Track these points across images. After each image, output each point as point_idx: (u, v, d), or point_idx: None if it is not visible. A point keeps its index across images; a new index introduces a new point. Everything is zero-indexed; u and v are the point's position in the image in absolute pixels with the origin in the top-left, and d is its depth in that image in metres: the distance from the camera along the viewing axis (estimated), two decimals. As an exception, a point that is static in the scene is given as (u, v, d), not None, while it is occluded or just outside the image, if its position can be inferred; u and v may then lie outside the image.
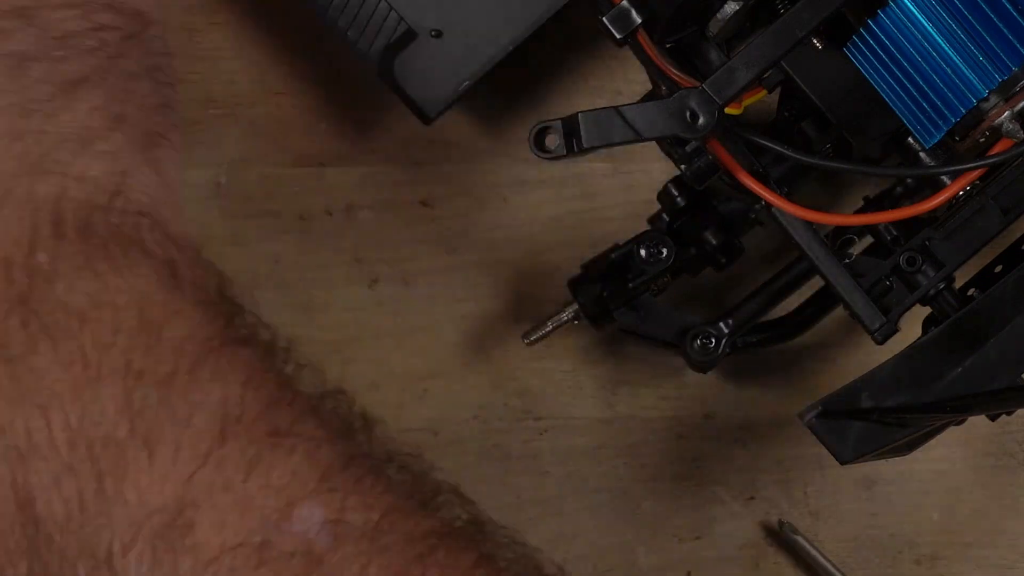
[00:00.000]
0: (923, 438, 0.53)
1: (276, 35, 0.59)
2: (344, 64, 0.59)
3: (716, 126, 0.45)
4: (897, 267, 0.53)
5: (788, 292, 0.56)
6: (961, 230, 0.53)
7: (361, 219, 0.59)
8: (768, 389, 0.60)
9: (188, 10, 0.59)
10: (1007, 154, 0.47)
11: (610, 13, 0.46)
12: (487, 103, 0.60)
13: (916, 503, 0.60)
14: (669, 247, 0.54)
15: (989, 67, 0.46)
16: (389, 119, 0.59)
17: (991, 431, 0.60)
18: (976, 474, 0.60)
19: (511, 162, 0.60)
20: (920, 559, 0.60)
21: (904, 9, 0.47)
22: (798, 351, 0.60)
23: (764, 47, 0.46)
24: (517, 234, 0.60)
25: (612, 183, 0.60)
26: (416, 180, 0.60)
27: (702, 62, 0.51)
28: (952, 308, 0.53)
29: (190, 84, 0.59)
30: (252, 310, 0.44)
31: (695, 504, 0.59)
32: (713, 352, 0.55)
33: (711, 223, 0.55)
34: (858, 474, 0.59)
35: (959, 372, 0.50)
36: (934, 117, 0.47)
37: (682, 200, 0.55)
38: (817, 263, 0.52)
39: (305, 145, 0.59)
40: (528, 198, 0.60)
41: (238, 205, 0.59)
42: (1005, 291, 0.51)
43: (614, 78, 0.60)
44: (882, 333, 0.51)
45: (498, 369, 0.60)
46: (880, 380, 0.51)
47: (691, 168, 0.51)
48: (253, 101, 0.59)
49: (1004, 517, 0.60)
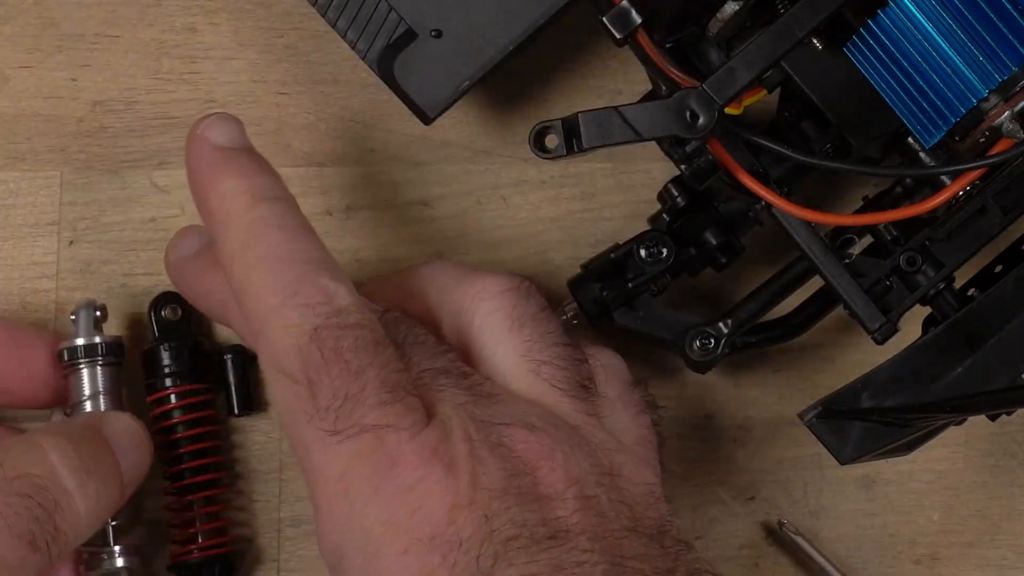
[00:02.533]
0: (923, 438, 0.53)
1: (276, 35, 0.59)
2: (344, 64, 0.59)
3: (716, 126, 0.45)
4: (897, 267, 0.53)
5: (788, 292, 0.56)
6: (961, 230, 0.53)
7: (361, 219, 0.59)
8: (768, 389, 0.60)
9: (188, 10, 0.59)
10: (1007, 154, 0.47)
11: (610, 13, 0.46)
12: (487, 103, 0.60)
13: (916, 503, 0.60)
14: (669, 247, 0.54)
15: (989, 67, 0.46)
16: (389, 119, 0.59)
17: (991, 431, 0.60)
18: (976, 474, 0.60)
19: (511, 162, 0.60)
20: (920, 559, 0.60)
21: (904, 9, 0.47)
22: (798, 351, 0.60)
23: (764, 47, 0.46)
24: (517, 234, 0.60)
25: (612, 183, 0.60)
26: (416, 180, 0.60)
27: (702, 62, 0.51)
28: (952, 308, 0.53)
29: (190, 84, 0.59)
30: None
31: (695, 504, 0.59)
32: (713, 352, 0.55)
33: (711, 223, 0.55)
34: (858, 474, 0.59)
35: (959, 372, 0.51)
36: (934, 117, 0.47)
37: (682, 200, 0.55)
38: (817, 263, 0.52)
39: (305, 145, 0.59)
40: (528, 198, 0.60)
41: (238, 205, 0.59)
42: (1005, 291, 0.51)
43: (614, 78, 0.60)
44: (882, 333, 0.51)
45: (498, 369, 0.60)
46: (880, 380, 0.51)
47: (691, 168, 0.51)
48: (253, 101, 0.59)
49: (1004, 517, 0.60)
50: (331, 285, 0.47)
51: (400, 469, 0.45)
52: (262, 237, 0.48)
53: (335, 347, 0.45)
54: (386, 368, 0.46)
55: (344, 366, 0.45)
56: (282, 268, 0.47)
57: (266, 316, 0.46)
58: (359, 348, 0.46)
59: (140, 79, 0.59)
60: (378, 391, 0.45)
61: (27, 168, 0.59)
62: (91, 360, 0.54)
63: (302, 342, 0.46)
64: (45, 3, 0.59)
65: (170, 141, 0.59)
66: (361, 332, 0.46)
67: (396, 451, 0.45)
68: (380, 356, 0.46)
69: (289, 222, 0.48)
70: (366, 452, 0.45)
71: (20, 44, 0.59)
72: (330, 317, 0.46)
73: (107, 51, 0.59)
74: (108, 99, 0.59)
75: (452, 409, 0.46)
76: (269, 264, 0.47)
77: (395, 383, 0.46)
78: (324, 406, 0.45)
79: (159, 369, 0.56)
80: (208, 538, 0.56)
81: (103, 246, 0.59)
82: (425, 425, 0.46)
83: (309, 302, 0.46)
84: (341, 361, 0.45)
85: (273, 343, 0.46)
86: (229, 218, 0.48)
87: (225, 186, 0.49)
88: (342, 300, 0.47)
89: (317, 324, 0.46)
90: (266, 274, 0.47)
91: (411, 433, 0.45)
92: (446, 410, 0.46)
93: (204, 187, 0.50)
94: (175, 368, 0.56)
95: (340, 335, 0.46)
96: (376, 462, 0.45)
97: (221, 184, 0.49)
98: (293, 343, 0.46)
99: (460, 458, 0.45)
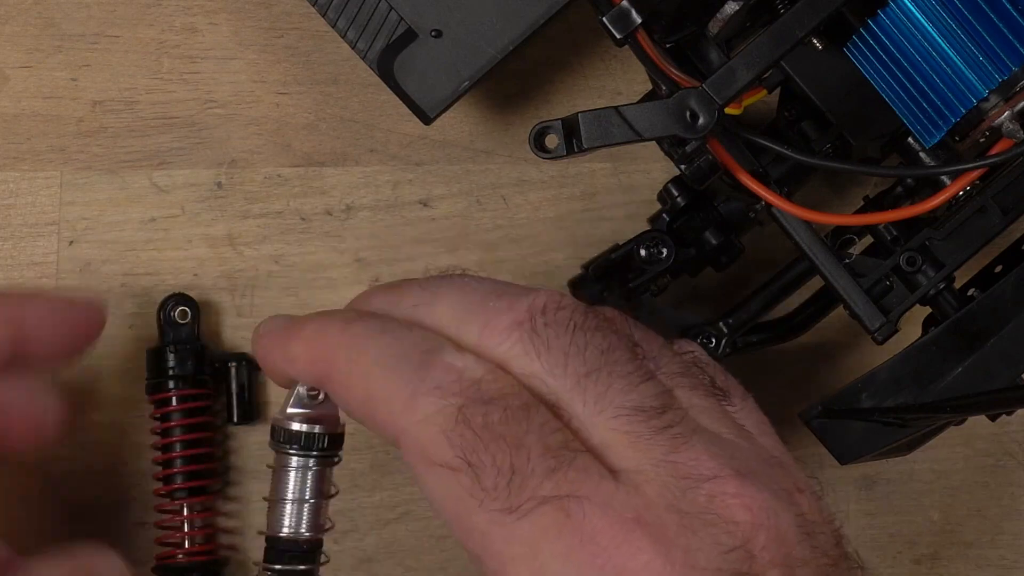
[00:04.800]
0: (923, 438, 0.53)
1: (276, 35, 0.59)
2: (344, 64, 0.59)
3: (716, 126, 0.45)
4: (897, 267, 0.53)
5: (788, 292, 0.56)
6: (961, 230, 0.53)
7: (361, 219, 0.59)
8: (768, 389, 0.60)
9: (188, 10, 0.59)
10: (1007, 154, 0.47)
11: (610, 13, 0.46)
12: (487, 103, 0.60)
13: (916, 503, 0.60)
14: (669, 247, 0.54)
15: (989, 67, 0.46)
16: (389, 119, 0.59)
17: (991, 431, 0.60)
18: (976, 474, 0.60)
19: (511, 162, 0.60)
20: (920, 559, 0.60)
21: (904, 9, 0.47)
22: (798, 351, 0.60)
23: (764, 47, 0.46)
24: (517, 234, 0.60)
25: (612, 183, 0.60)
26: (416, 180, 0.60)
27: (702, 62, 0.51)
28: (952, 308, 0.53)
29: (190, 84, 0.59)
30: None
31: (695, 504, 0.59)
32: (713, 352, 0.55)
33: (711, 223, 0.55)
34: (858, 474, 0.59)
35: (959, 372, 0.51)
36: (934, 117, 0.47)
37: (682, 200, 0.55)
38: (817, 263, 0.52)
39: (305, 145, 0.59)
40: (528, 198, 0.60)
41: (238, 205, 0.59)
42: (1005, 291, 0.52)
43: (614, 78, 0.60)
44: (882, 333, 0.51)
45: (498, 369, 0.60)
46: (880, 380, 0.51)
47: (691, 168, 0.51)
48: (253, 101, 0.59)
49: (1004, 517, 0.60)
50: (457, 360, 0.43)
51: (601, 546, 0.40)
52: (367, 346, 0.44)
53: (485, 423, 0.41)
54: (544, 431, 0.41)
55: (500, 441, 0.41)
56: (400, 364, 0.43)
57: (401, 415, 0.42)
58: (510, 418, 0.41)
59: (140, 79, 0.59)
60: (543, 458, 0.41)
61: (27, 168, 0.59)
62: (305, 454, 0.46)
63: (448, 427, 0.41)
64: (45, 3, 0.59)
65: (170, 141, 0.59)
66: (506, 400, 0.42)
67: (588, 525, 0.40)
68: (534, 421, 0.42)
69: (389, 325, 0.44)
70: (553, 527, 0.40)
71: (20, 44, 0.59)
72: (469, 393, 0.42)
73: (107, 51, 0.59)
74: (108, 99, 0.59)
75: (651, 465, 0.41)
76: (385, 365, 0.43)
77: (559, 445, 0.41)
78: (492, 485, 0.41)
79: (163, 370, 0.56)
80: (195, 543, 0.56)
81: (103, 246, 0.59)
82: (613, 485, 0.41)
83: (441, 384, 0.42)
84: (496, 436, 0.41)
85: (417, 438, 0.42)
86: (326, 349, 0.44)
87: (307, 330, 0.45)
88: (474, 372, 0.42)
89: (459, 404, 0.42)
90: (386, 376, 0.43)
91: (599, 501, 0.40)
92: (642, 464, 0.41)
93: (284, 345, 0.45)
94: (179, 371, 0.56)
95: (486, 409, 0.42)
96: (569, 538, 0.40)
97: (303, 331, 0.45)
98: (439, 431, 0.42)
99: (670, 531, 0.40)
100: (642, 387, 0.42)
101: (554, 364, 0.42)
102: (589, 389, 0.42)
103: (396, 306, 0.45)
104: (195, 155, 0.59)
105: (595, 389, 0.42)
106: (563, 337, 0.43)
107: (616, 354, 0.43)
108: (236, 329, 0.59)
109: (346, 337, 0.44)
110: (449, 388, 0.42)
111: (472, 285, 0.45)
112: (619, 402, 0.42)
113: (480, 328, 0.43)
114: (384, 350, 0.43)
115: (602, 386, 0.42)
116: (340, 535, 0.58)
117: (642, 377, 0.43)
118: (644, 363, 0.43)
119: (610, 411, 0.42)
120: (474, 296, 0.44)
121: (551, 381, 0.42)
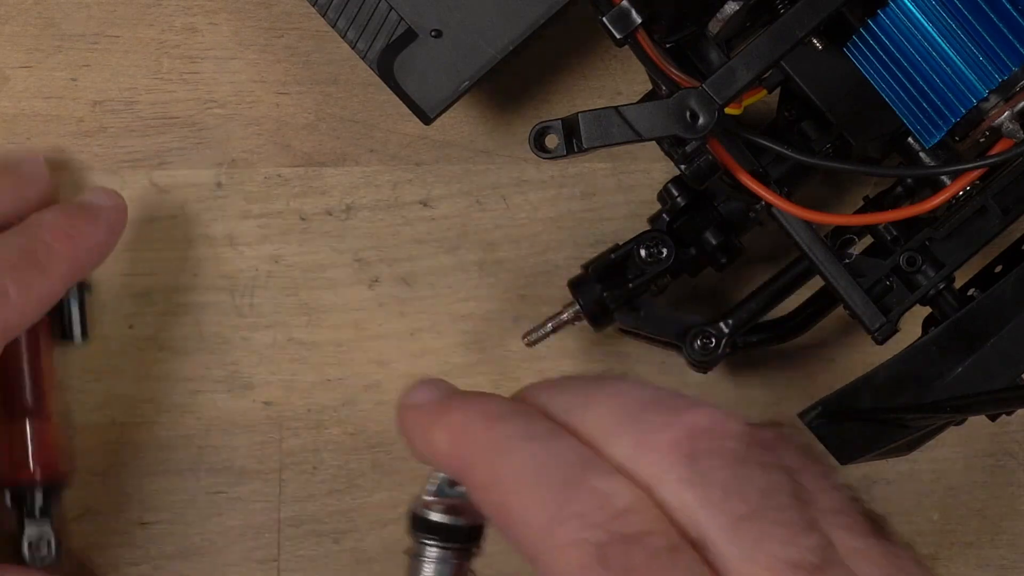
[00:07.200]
0: (923, 438, 0.53)
1: (276, 35, 0.59)
2: (344, 64, 0.59)
3: (716, 126, 0.45)
4: (897, 267, 0.53)
5: (788, 292, 0.56)
6: (961, 230, 0.53)
7: (361, 219, 0.59)
8: (768, 389, 0.60)
9: (188, 10, 0.59)
10: (1007, 154, 0.47)
11: (610, 13, 0.46)
12: (487, 103, 0.60)
13: (916, 503, 0.60)
14: (669, 247, 0.54)
15: (989, 67, 0.46)
16: (389, 119, 0.59)
17: (991, 431, 0.60)
18: (976, 474, 0.60)
19: (511, 162, 0.60)
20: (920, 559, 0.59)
21: (904, 9, 0.47)
22: (798, 351, 0.60)
23: (764, 47, 0.46)
24: (517, 234, 0.60)
25: (612, 183, 0.60)
26: (416, 180, 0.60)
27: (702, 62, 0.51)
28: (952, 308, 0.53)
29: (190, 84, 0.59)
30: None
31: (695, 504, 0.59)
32: (713, 352, 0.55)
33: (711, 223, 0.55)
34: (858, 474, 0.59)
35: (959, 372, 0.51)
36: (934, 117, 0.47)
37: (682, 200, 0.55)
38: (817, 263, 0.52)
39: (305, 145, 0.59)
40: (528, 198, 0.60)
41: (238, 205, 0.59)
42: (1005, 291, 0.51)
43: (614, 78, 0.60)
44: (882, 333, 0.51)
45: (498, 369, 0.60)
46: (880, 380, 0.51)
47: (691, 168, 0.51)
48: (253, 101, 0.59)
49: (1004, 517, 0.60)
50: (604, 484, 0.39)
51: None
52: (510, 452, 0.41)
53: (626, 566, 0.38)
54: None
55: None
56: (542, 480, 0.40)
57: (538, 538, 0.39)
58: (653, 564, 0.38)
59: (140, 79, 0.59)
60: None
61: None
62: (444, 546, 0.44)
63: (587, 563, 0.38)
64: (45, 3, 0.59)
65: (170, 141, 0.59)
66: (651, 539, 0.38)
67: None
68: (679, 566, 0.38)
69: (536, 430, 0.41)
70: None
71: (20, 44, 0.59)
72: (612, 527, 0.38)
73: (107, 51, 0.59)
74: (108, 99, 0.59)
75: None
76: (526, 480, 0.40)
77: None
78: None
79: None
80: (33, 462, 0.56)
81: (103, 246, 0.58)
82: None
83: (584, 513, 0.39)
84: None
85: (553, 569, 0.39)
86: (468, 447, 0.41)
87: (452, 418, 0.42)
88: (621, 500, 0.39)
89: (600, 540, 0.38)
90: (526, 492, 0.40)
91: None
92: None
93: (428, 429, 0.43)
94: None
95: (629, 550, 0.38)
96: None
97: (448, 417, 0.42)
98: (577, 567, 0.38)
99: None
100: (802, 538, 0.38)
101: (710, 499, 0.38)
102: (744, 533, 0.38)
103: (550, 404, 0.42)
104: (195, 155, 0.59)
105: (751, 534, 0.38)
106: (724, 470, 0.38)
107: (778, 498, 0.39)
108: (236, 329, 0.59)
109: (490, 438, 0.41)
110: (591, 518, 0.39)
111: (629, 392, 0.41)
112: (775, 552, 0.38)
113: (633, 443, 0.40)
114: (528, 461, 0.40)
115: (759, 532, 0.38)
116: (340, 535, 0.58)
117: (803, 527, 0.39)
118: (807, 509, 0.39)
119: (764, 561, 0.38)
120: (630, 405, 0.41)
121: (703, 516, 0.38)
